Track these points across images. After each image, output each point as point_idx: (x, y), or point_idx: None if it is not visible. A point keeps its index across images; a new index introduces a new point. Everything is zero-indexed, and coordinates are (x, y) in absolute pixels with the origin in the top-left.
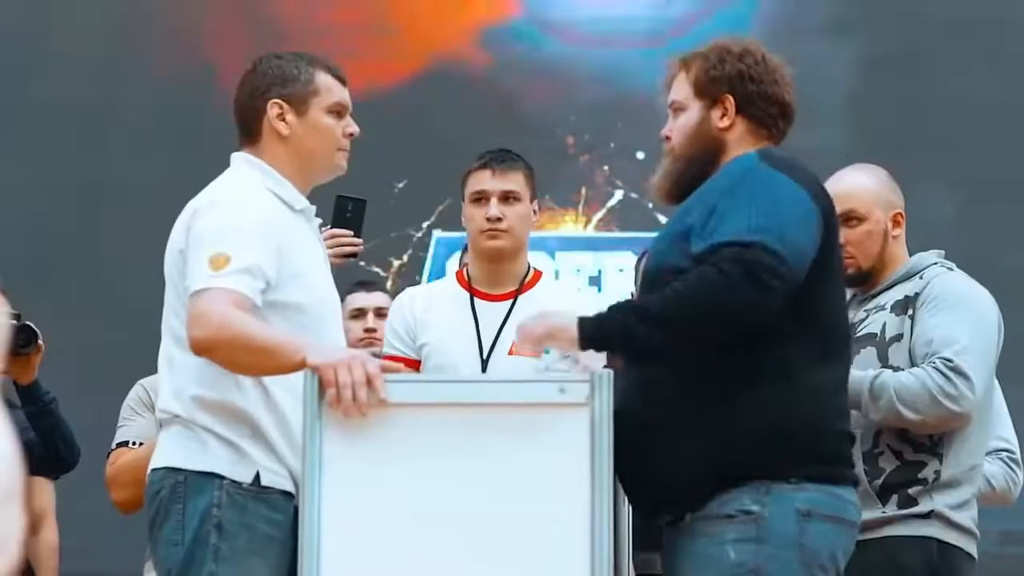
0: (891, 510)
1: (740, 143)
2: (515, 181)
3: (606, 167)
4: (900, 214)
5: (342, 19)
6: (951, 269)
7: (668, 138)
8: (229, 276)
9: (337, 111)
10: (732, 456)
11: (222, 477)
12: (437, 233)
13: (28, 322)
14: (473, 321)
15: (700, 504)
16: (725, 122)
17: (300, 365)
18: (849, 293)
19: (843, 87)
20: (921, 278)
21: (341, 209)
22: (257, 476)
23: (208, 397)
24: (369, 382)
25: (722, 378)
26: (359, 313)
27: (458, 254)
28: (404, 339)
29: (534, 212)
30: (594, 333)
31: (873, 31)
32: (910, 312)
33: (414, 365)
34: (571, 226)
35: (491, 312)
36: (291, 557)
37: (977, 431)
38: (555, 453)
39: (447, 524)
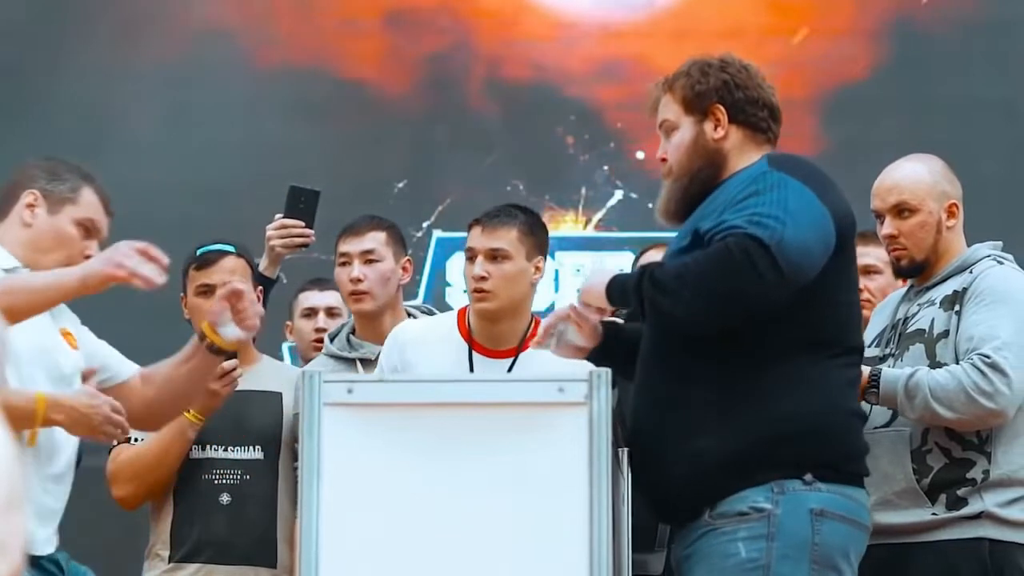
0: (940, 511)
1: (740, 151)
2: (504, 239)
3: (606, 167)
4: (955, 205)
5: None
6: (1001, 262)
7: (664, 160)
8: None
9: (86, 227)
10: (746, 455)
11: None
12: (437, 233)
13: None
14: None
15: (715, 502)
16: (719, 132)
17: (81, 282)
18: (906, 285)
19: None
20: (971, 272)
21: (294, 199)
22: None
23: None
24: (144, 255)
25: (734, 378)
26: (310, 312)
27: (459, 254)
28: None
29: (536, 269)
30: (618, 295)
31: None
32: (957, 308)
33: None
34: (571, 226)
35: (490, 370)
36: None
37: None
38: (554, 452)
39: (446, 523)
